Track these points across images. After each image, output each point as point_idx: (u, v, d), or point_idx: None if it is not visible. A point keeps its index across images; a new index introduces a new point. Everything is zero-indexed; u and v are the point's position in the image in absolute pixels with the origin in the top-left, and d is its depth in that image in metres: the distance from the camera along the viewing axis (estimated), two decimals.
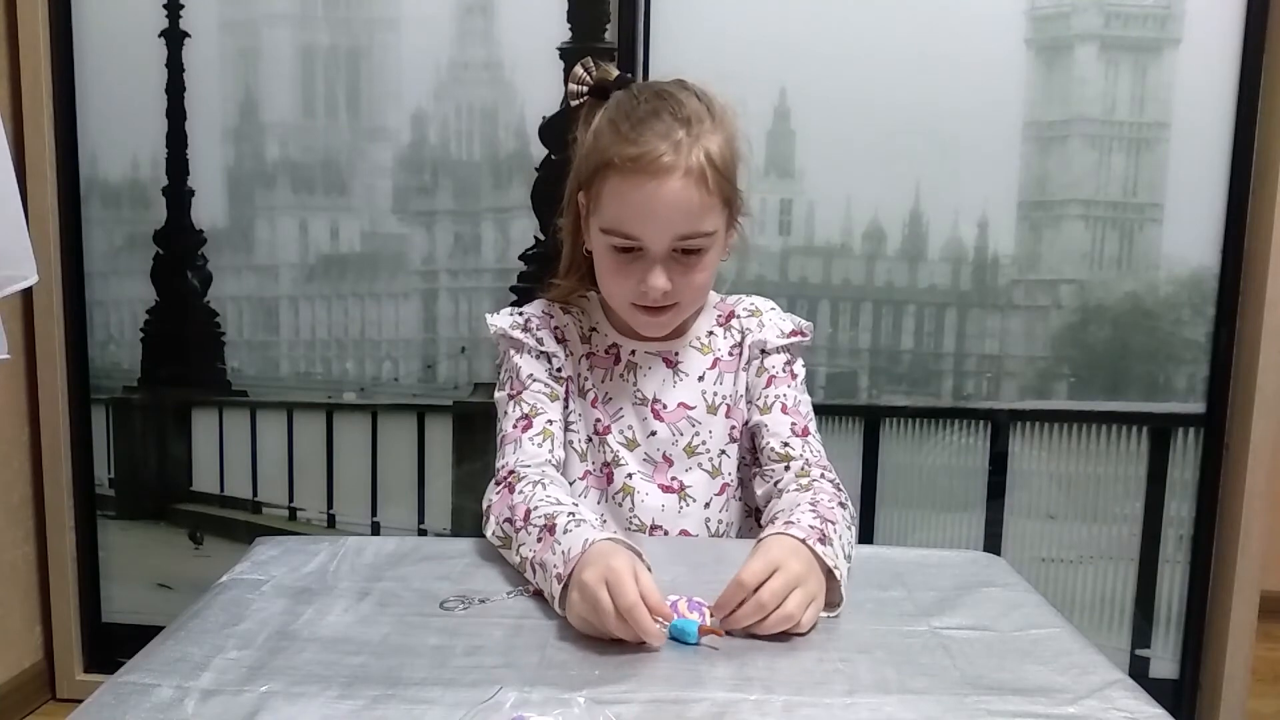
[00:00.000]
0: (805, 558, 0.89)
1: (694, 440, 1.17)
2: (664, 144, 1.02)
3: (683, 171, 1.02)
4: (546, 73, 1.78)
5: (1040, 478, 1.84)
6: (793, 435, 1.14)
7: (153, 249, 1.90)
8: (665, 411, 1.17)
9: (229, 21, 1.84)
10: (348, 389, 1.92)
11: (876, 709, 0.74)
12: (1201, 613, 1.84)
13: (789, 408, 1.16)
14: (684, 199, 1.03)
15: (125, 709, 0.73)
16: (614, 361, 1.18)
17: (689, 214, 1.04)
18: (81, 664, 1.98)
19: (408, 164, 1.85)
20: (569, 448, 1.16)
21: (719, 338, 1.20)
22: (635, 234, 1.05)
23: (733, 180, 1.08)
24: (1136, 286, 1.78)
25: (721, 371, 1.19)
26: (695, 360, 1.19)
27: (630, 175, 1.03)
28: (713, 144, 1.04)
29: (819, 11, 1.74)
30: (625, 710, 0.71)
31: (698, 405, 1.17)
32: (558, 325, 1.18)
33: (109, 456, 1.98)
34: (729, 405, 1.18)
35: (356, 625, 0.88)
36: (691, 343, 1.19)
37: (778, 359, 1.18)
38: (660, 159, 1.02)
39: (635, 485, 1.15)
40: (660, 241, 1.05)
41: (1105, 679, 0.80)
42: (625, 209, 1.05)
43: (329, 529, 1.95)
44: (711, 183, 1.03)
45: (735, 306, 1.22)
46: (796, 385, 1.18)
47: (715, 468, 1.18)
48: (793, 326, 1.19)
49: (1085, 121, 1.76)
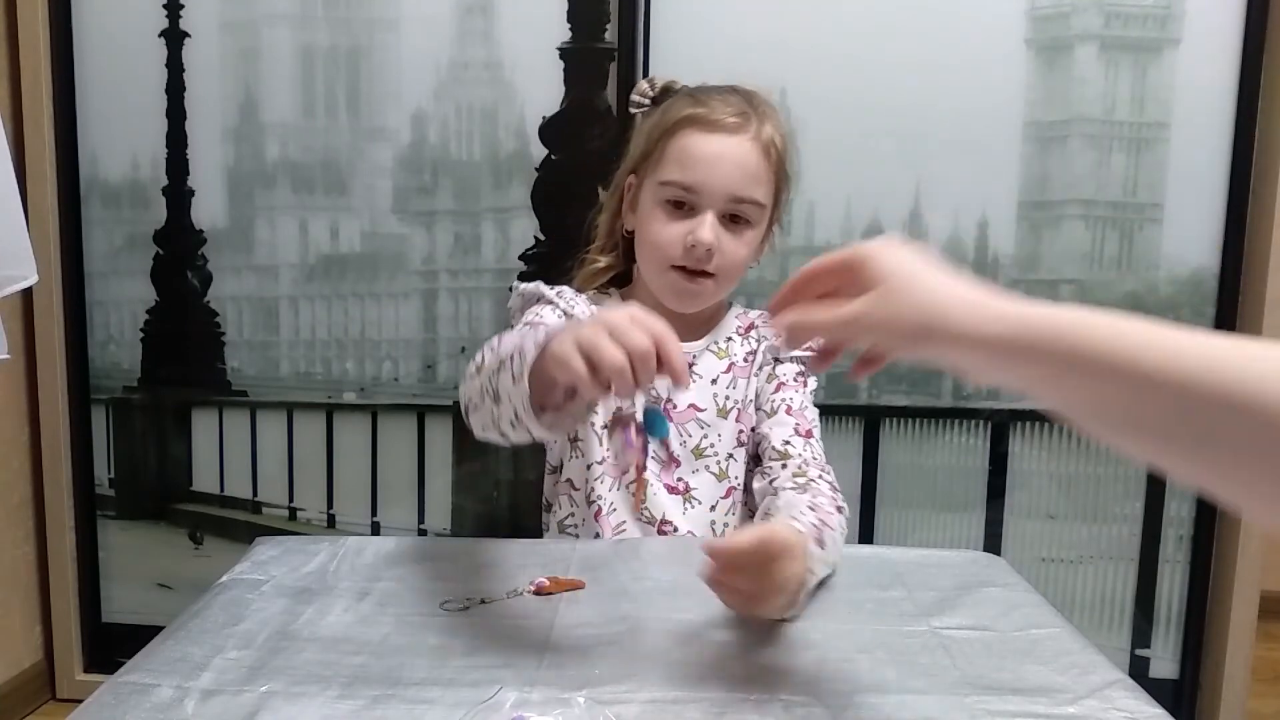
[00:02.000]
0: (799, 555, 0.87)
1: (702, 442, 1.19)
2: (735, 112, 1.12)
3: (751, 135, 1.12)
4: (546, 73, 1.78)
5: (1040, 478, 1.84)
6: (794, 435, 1.16)
7: (153, 249, 1.90)
8: (675, 412, 1.18)
9: (229, 21, 1.84)
10: (348, 389, 1.92)
11: (876, 709, 0.74)
12: (1201, 613, 1.84)
13: (794, 410, 1.18)
14: (747, 159, 1.11)
15: (125, 709, 0.73)
16: None
17: (747, 175, 1.11)
18: (81, 664, 1.98)
19: (408, 164, 1.85)
20: (590, 429, 1.18)
21: (736, 344, 1.22)
22: (697, 182, 1.11)
23: (785, 172, 1.16)
24: (1136, 286, 1.78)
25: (735, 376, 1.21)
26: (711, 364, 1.21)
27: (703, 128, 1.12)
28: (774, 130, 1.14)
29: (819, 12, 1.73)
30: (625, 710, 0.71)
31: (708, 408, 1.19)
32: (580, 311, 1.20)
33: (109, 456, 1.98)
34: (739, 409, 1.20)
35: (356, 625, 0.88)
36: (709, 347, 1.21)
37: (789, 368, 1.21)
38: (731, 119, 1.11)
39: (648, 478, 1.17)
40: (717, 195, 1.11)
41: (1105, 679, 0.80)
42: (690, 159, 1.12)
43: (329, 529, 1.95)
44: (772, 158, 1.13)
45: (756, 319, 1.25)
46: (805, 394, 1.20)
47: (722, 470, 1.19)
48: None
49: (1085, 121, 1.76)
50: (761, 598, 0.84)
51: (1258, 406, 0.50)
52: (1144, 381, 0.54)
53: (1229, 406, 0.51)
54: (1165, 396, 0.53)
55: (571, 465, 1.21)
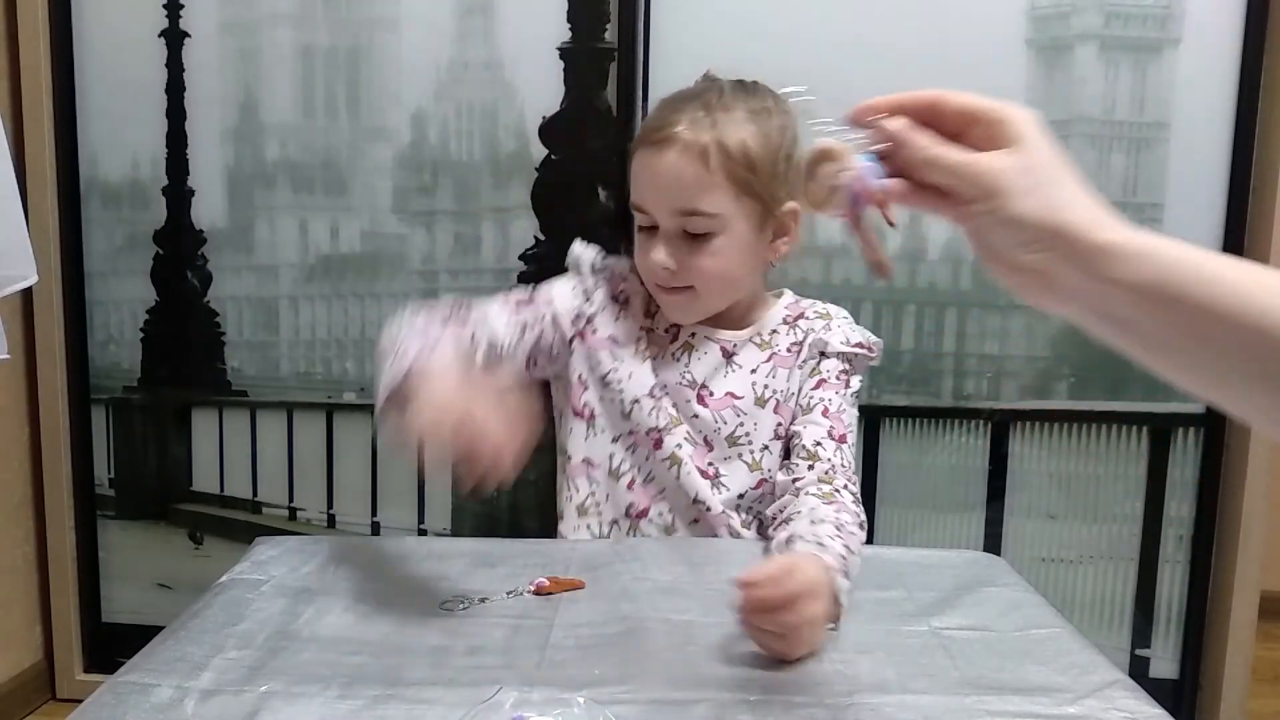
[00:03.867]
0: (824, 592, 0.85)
1: (737, 430, 1.15)
2: (680, 119, 1.07)
3: (683, 145, 1.06)
4: (546, 73, 1.78)
5: (1040, 478, 1.84)
6: (827, 438, 1.12)
7: (153, 249, 1.90)
8: (711, 399, 1.15)
9: (229, 21, 1.84)
10: (348, 389, 1.92)
11: (876, 709, 0.74)
12: (1201, 613, 1.84)
13: (830, 412, 1.14)
14: (681, 171, 1.06)
15: (125, 709, 0.73)
16: (671, 340, 1.17)
17: (684, 188, 1.07)
18: (81, 664, 1.98)
19: (408, 164, 1.85)
20: (613, 404, 1.16)
21: (781, 335, 1.19)
22: (641, 204, 1.11)
23: (762, 174, 1.08)
24: None
25: (776, 366, 1.17)
26: (751, 354, 1.17)
27: (643, 147, 1.10)
28: (734, 131, 1.06)
29: (819, 12, 1.73)
30: (625, 710, 0.71)
31: (746, 396, 1.16)
32: (625, 289, 1.19)
33: (109, 456, 1.98)
34: (778, 401, 1.16)
35: (356, 625, 0.88)
36: (752, 338, 1.18)
37: (834, 364, 1.17)
38: (665, 130, 1.07)
39: (683, 456, 1.14)
40: (661, 213, 1.09)
41: (1105, 679, 0.80)
42: (637, 179, 1.11)
43: (329, 529, 1.95)
44: (714, 163, 1.06)
45: (807, 309, 1.21)
46: (845, 396, 1.16)
47: (755, 461, 1.16)
48: (860, 339, 1.18)
49: (1085, 121, 1.76)
50: (790, 639, 0.81)
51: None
52: None
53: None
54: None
55: (590, 443, 1.17)
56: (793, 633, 0.81)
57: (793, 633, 0.81)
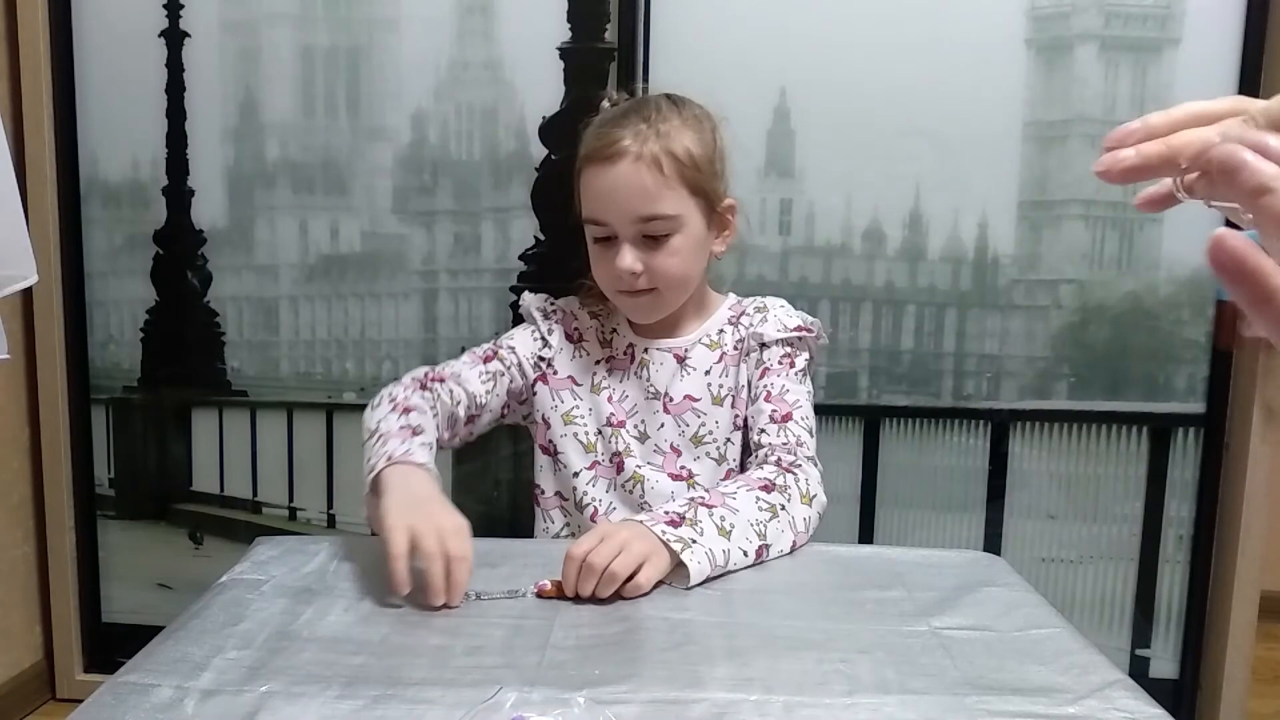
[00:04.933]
0: (638, 530, 0.96)
1: (700, 430, 1.23)
2: (625, 135, 1.14)
3: (634, 156, 1.13)
4: (546, 73, 1.78)
5: (1040, 478, 1.84)
6: (769, 423, 1.19)
7: (153, 249, 1.90)
8: (671, 404, 1.23)
9: (229, 21, 1.84)
10: (348, 389, 1.92)
11: (876, 709, 0.74)
12: (1201, 613, 1.84)
13: (773, 395, 1.20)
14: (636, 180, 1.13)
15: (125, 709, 0.73)
16: (630, 361, 1.25)
17: (644, 195, 1.14)
18: (81, 664, 1.98)
19: (408, 164, 1.85)
20: (574, 439, 1.24)
21: (728, 334, 1.26)
22: (601, 217, 1.17)
23: (705, 174, 1.17)
24: (1136, 286, 1.78)
25: (726, 364, 1.24)
26: (703, 356, 1.25)
27: (594, 164, 1.16)
28: (677, 138, 1.15)
29: (819, 12, 1.73)
30: (625, 710, 0.71)
31: (703, 397, 1.23)
32: (578, 326, 1.28)
33: (109, 456, 1.98)
34: (734, 396, 1.23)
35: (356, 625, 0.88)
36: (701, 340, 1.25)
37: (775, 352, 1.23)
38: (614, 145, 1.14)
39: (645, 474, 1.21)
40: (623, 222, 1.15)
41: (1105, 679, 0.80)
42: (592, 196, 1.17)
43: (329, 529, 1.95)
44: (668, 169, 1.14)
45: (748, 306, 1.28)
46: (790, 375, 1.22)
47: (721, 455, 1.23)
48: (797, 323, 1.24)
49: (1085, 121, 1.76)
50: (613, 570, 0.92)
51: None
52: None
53: None
54: None
55: (559, 477, 1.26)
56: (617, 579, 0.92)
57: (617, 579, 0.92)
